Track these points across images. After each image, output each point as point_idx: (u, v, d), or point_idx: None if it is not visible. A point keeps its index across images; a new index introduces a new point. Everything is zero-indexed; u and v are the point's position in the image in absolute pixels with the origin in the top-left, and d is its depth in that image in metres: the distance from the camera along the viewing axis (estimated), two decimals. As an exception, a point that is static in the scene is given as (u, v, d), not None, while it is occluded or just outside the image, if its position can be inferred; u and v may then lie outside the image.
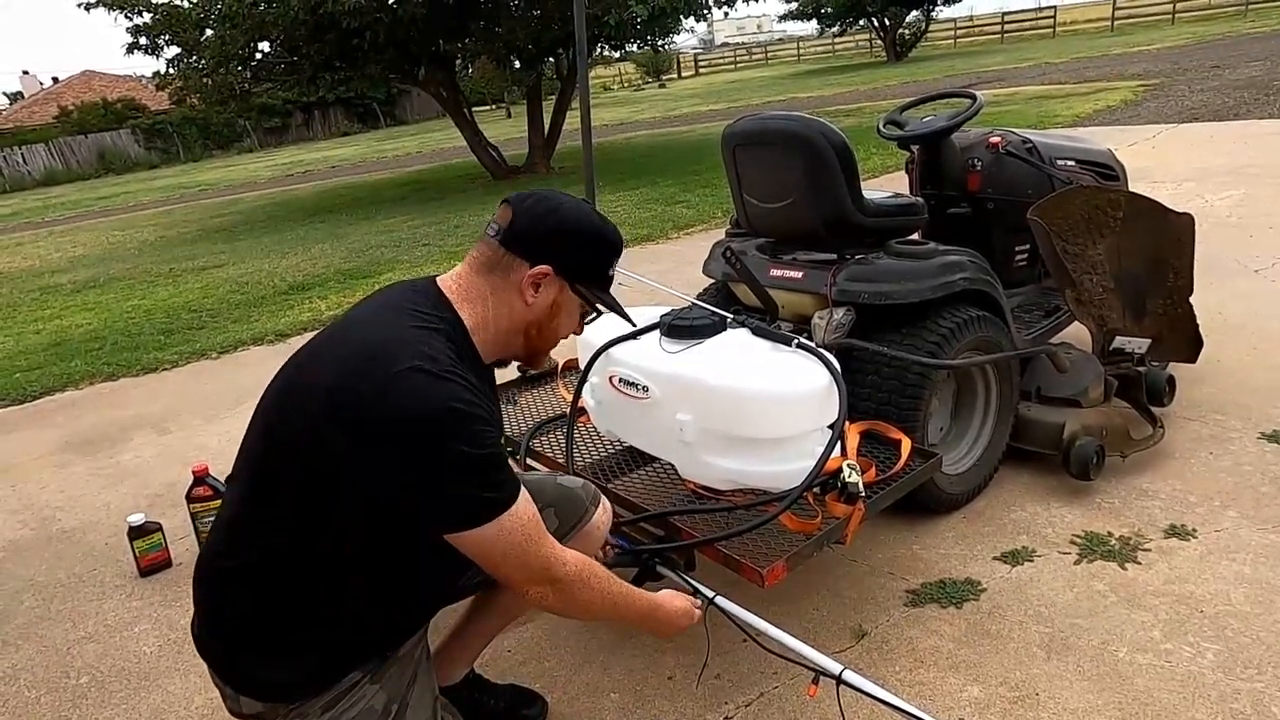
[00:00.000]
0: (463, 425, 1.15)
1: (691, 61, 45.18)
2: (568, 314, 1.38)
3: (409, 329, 1.22)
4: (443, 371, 1.17)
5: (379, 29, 9.27)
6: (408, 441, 1.13)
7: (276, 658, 1.25)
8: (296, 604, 1.23)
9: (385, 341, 1.19)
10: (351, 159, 19.75)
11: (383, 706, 1.27)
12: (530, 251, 1.31)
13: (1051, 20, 31.29)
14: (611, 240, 1.39)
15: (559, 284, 1.34)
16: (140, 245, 9.98)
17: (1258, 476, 2.34)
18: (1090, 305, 2.56)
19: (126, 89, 31.71)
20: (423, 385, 1.14)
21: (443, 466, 1.14)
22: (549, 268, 1.31)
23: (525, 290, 1.31)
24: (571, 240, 1.34)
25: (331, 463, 1.15)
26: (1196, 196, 5.35)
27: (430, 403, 1.14)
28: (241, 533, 1.27)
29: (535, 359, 1.44)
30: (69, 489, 3.25)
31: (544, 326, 1.37)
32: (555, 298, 1.34)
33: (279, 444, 1.23)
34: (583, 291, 1.36)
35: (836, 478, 1.72)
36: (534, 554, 1.22)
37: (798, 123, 2.21)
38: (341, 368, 1.19)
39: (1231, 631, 1.78)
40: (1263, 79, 10.96)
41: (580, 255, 1.35)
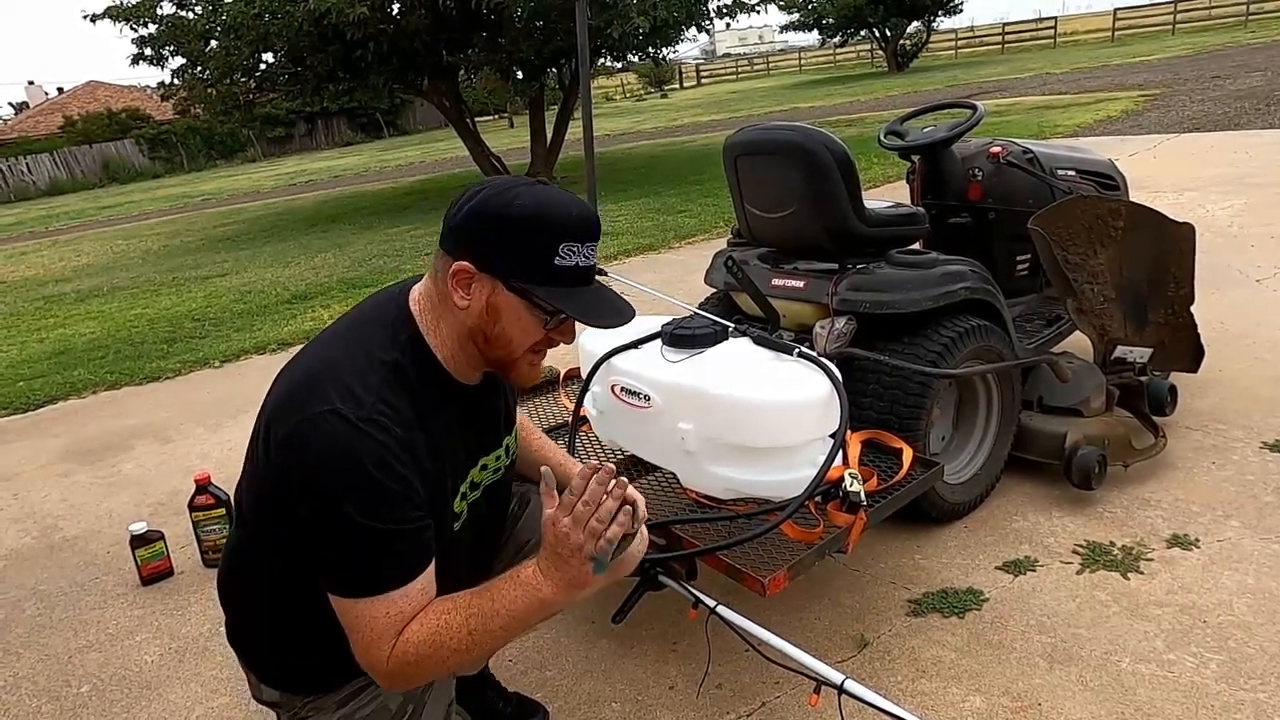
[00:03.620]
0: (356, 487, 1.05)
1: (693, 72, 45.35)
2: (512, 318, 1.15)
3: (351, 358, 1.13)
4: (361, 418, 1.07)
5: (383, 40, 9.32)
6: (303, 490, 1.07)
7: (293, 654, 1.25)
8: (306, 608, 1.21)
9: (319, 373, 1.12)
10: (355, 169, 19.82)
11: (397, 707, 1.25)
12: (452, 245, 1.14)
13: (1052, 31, 31.37)
14: (550, 223, 1.12)
15: (489, 282, 1.13)
16: (144, 254, 10.02)
17: (1260, 486, 2.34)
18: (1091, 314, 2.56)
19: (131, 99, 31.84)
20: (331, 437, 1.05)
21: (325, 524, 1.07)
22: (467, 263, 1.12)
23: (454, 292, 1.14)
24: (493, 227, 1.11)
25: (270, 483, 1.14)
26: (1198, 206, 5.36)
27: (330, 455, 1.05)
28: (248, 535, 1.27)
29: (507, 373, 1.24)
30: (71, 497, 3.25)
31: (488, 334, 1.17)
32: (489, 298, 1.14)
33: (251, 454, 1.22)
34: (519, 289, 1.13)
35: (838, 487, 1.72)
36: (363, 648, 1.10)
37: (799, 133, 2.22)
38: (280, 394, 1.15)
39: (1235, 642, 1.78)
40: (1263, 89, 10.98)
41: (505, 245, 1.11)
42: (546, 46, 10.03)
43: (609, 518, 1.06)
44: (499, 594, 1.11)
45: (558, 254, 1.12)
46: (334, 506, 1.05)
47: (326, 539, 1.08)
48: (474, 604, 1.11)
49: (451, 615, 1.10)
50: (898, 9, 26.53)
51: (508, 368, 1.22)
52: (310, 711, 1.25)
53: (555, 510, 1.08)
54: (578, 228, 1.14)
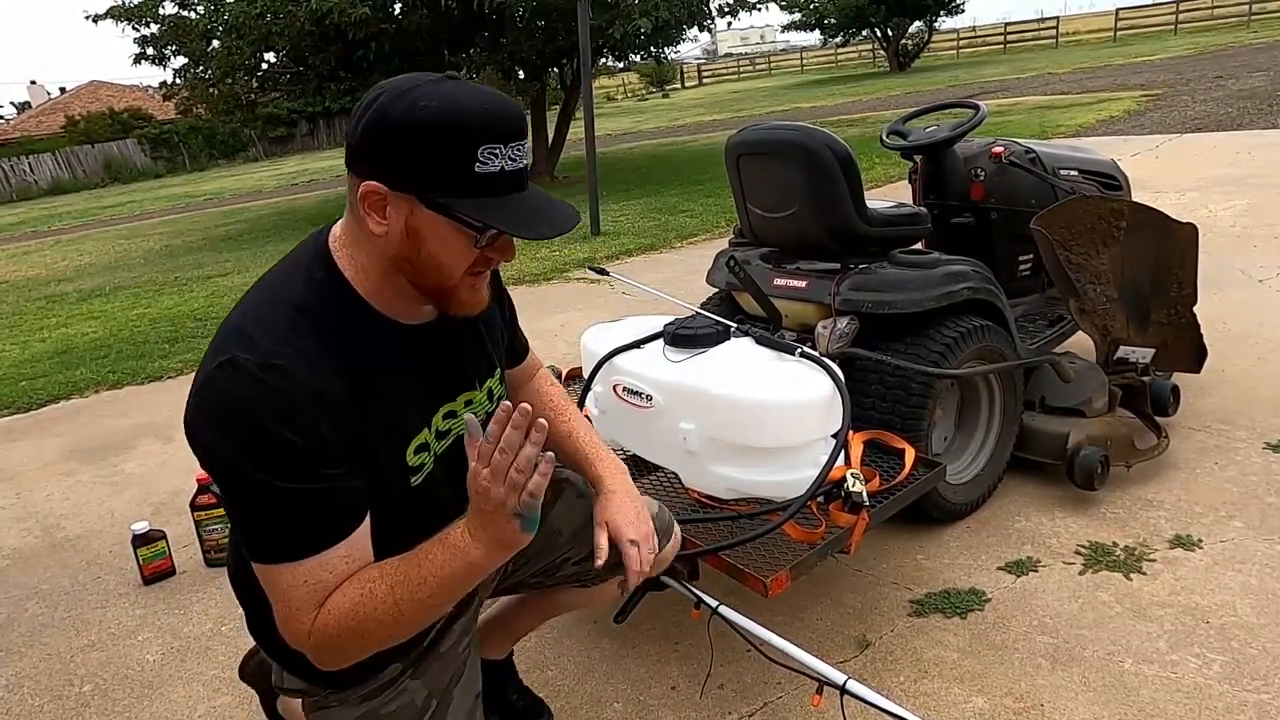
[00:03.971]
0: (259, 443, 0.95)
1: (695, 72, 45.34)
2: (438, 240, 1.02)
3: (258, 306, 1.05)
4: (260, 365, 0.97)
5: (384, 39, 9.34)
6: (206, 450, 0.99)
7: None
8: None
9: (226, 328, 1.05)
10: (356, 168, 19.79)
11: (422, 701, 1.22)
12: (357, 166, 1.01)
13: (1054, 31, 31.34)
14: (463, 125, 0.96)
15: (406, 202, 0.99)
16: (146, 254, 10.03)
17: (1263, 487, 2.33)
18: (1094, 315, 2.56)
19: (133, 99, 31.89)
20: (225, 387, 0.97)
21: (229, 483, 0.99)
22: (377, 183, 0.98)
23: (367, 217, 1.01)
24: (398, 138, 0.97)
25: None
26: (1200, 206, 5.35)
27: (224, 407, 0.97)
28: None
29: (445, 303, 1.10)
30: (73, 497, 3.26)
31: (415, 261, 1.03)
32: (408, 220, 1.01)
33: None
34: (440, 205, 0.99)
35: (840, 487, 1.72)
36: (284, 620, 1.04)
37: (801, 133, 2.22)
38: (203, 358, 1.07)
39: (1238, 643, 1.78)
40: (1266, 89, 10.97)
41: (415, 156, 0.97)
42: (548, 46, 10.04)
43: (529, 467, 0.93)
44: (426, 560, 1.00)
45: (477, 159, 0.97)
46: (234, 463, 0.96)
47: (233, 501, 1.01)
48: (400, 571, 1.01)
49: (376, 584, 1.01)
50: (899, 9, 26.52)
51: (446, 296, 1.09)
52: (334, 703, 1.22)
53: (475, 463, 0.95)
54: (498, 126, 0.98)
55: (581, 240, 7.14)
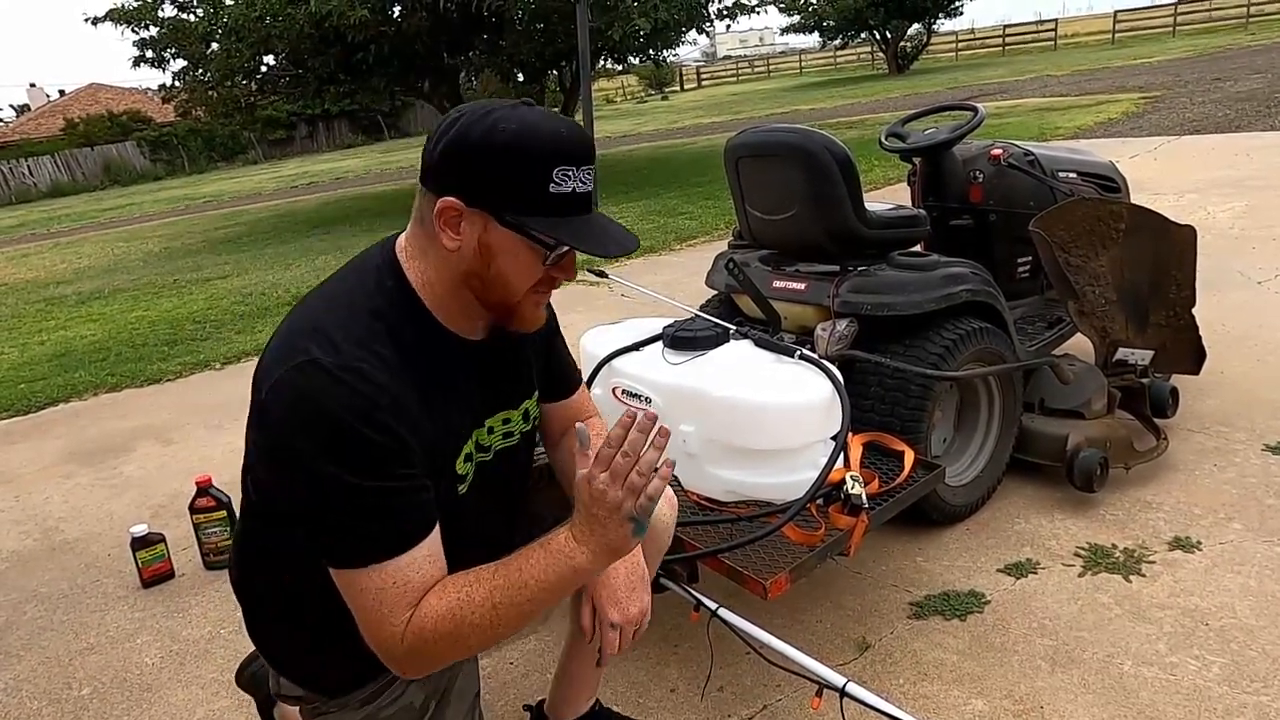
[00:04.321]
0: (342, 442, 0.96)
1: (694, 74, 45.40)
2: (509, 256, 1.05)
3: (332, 308, 1.06)
4: (340, 367, 0.98)
5: (383, 42, 9.35)
6: (285, 451, 0.99)
7: (313, 650, 1.21)
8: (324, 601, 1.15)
9: (298, 328, 1.05)
10: (356, 171, 19.84)
11: (420, 704, 1.22)
12: (435, 183, 1.04)
13: (1053, 33, 31.40)
14: (539, 147, 1.00)
15: (480, 218, 1.03)
16: (145, 256, 10.03)
17: (1262, 489, 2.33)
18: (1093, 317, 2.56)
19: (132, 101, 31.90)
20: (306, 386, 0.97)
21: (309, 485, 0.99)
22: (454, 199, 1.02)
23: (441, 233, 1.04)
24: (477, 157, 1.01)
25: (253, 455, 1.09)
26: (1199, 208, 5.36)
27: (308, 408, 0.97)
28: (257, 525, 1.21)
29: (507, 319, 1.13)
30: (72, 500, 3.25)
31: (484, 276, 1.06)
32: (481, 237, 1.04)
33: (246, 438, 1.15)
34: (513, 223, 1.02)
35: (840, 489, 1.72)
36: (373, 626, 1.02)
37: (800, 135, 2.22)
38: (262, 358, 1.07)
39: (1237, 645, 1.78)
40: (1264, 91, 10.98)
41: (493, 175, 1.01)
42: (547, 49, 10.06)
43: (650, 471, 0.95)
44: (526, 564, 1.01)
45: (552, 180, 1.01)
46: (318, 464, 0.97)
47: (316, 503, 1.00)
48: (499, 576, 1.01)
49: (474, 588, 1.01)
50: (898, 11, 26.59)
51: (510, 312, 1.12)
52: (333, 708, 1.22)
53: (590, 467, 0.97)
54: (571, 149, 1.02)
55: (581, 242, 7.14)
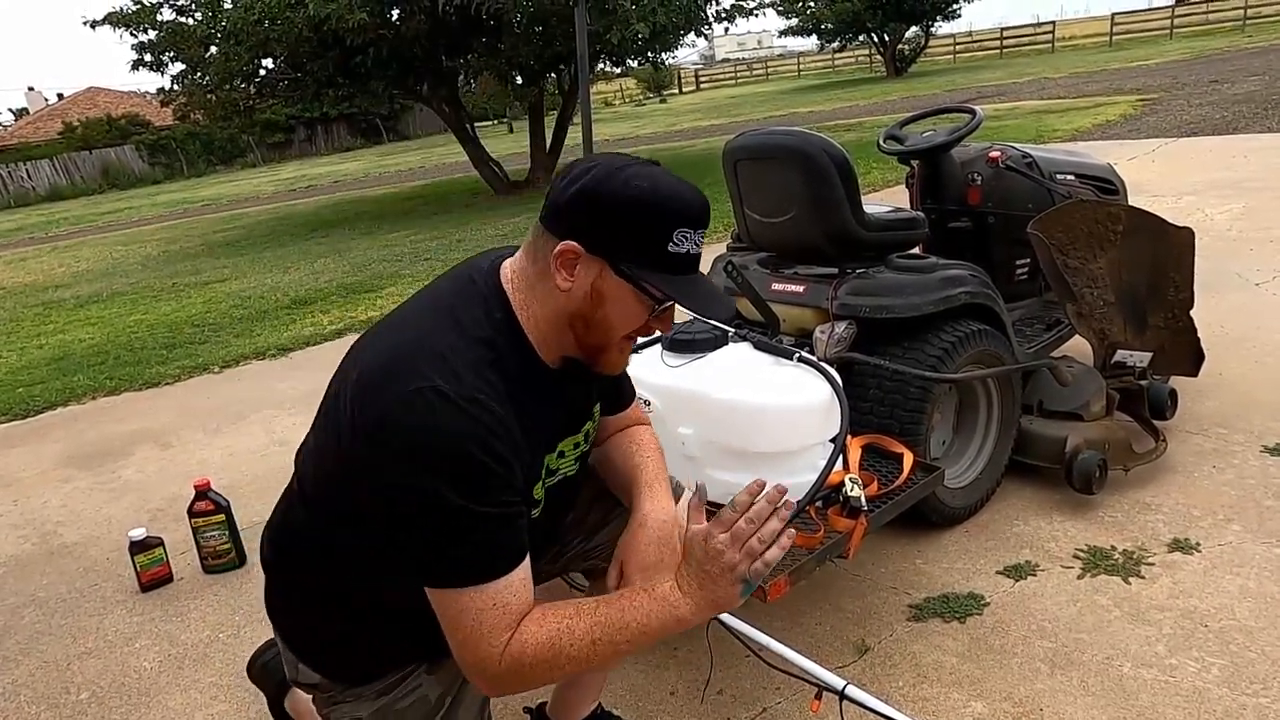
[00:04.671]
0: (463, 470, 1.00)
1: (692, 77, 45.45)
2: (617, 303, 1.10)
3: (444, 332, 1.07)
4: (464, 396, 1.01)
5: (382, 46, 9.35)
6: (397, 472, 1.01)
7: (342, 641, 1.21)
8: (363, 597, 1.18)
9: (412, 347, 1.06)
10: (354, 174, 19.85)
11: (436, 698, 1.22)
12: (557, 225, 1.09)
13: (1050, 35, 31.45)
14: (665, 207, 1.07)
15: (596, 264, 1.08)
16: (143, 260, 10.03)
17: (1261, 490, 2.33)
18: (1091, 319, 2.56)
19: (131, 105, 31.91)
20: (429, 414, 1.00)
21: (423, 508, 1.01)
22: (575, 243, 1.07)
23: (556, 273, 1.08)
24: (602, 207, 1.06)
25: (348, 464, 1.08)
26: (1197, 210, 5.37)
27: (432, 436, 1.00)
28: (311, 516, 1.20)
29: (595, 360, 1.18)
30: (71, 503, 3.25)
31: (589, 319, 1.11)
32: (594, 282, 1.08)
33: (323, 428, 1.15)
34: (627, 273, 1.07)
35: (839, 491, 1.72)
36: (472, 645, 1.04)
37: (798, 138, 2.23)
38: (368, 369, 1.08)
39: (1236, 646, 1.78)
40: (1261, 93, 11.00)
41: (616, 227, 1.06)
42: (546, 51, 10.06)
43: (772, 539, 1.01)
44: (630, 605, 1.05)
45: (671, 240, 1.07)
46: (434, 489, 0.99)
47: (426, 525, 1.01)
48: (600, 612, 1.05)
49: (575, 620, 1.05)
50: (896, 14, 26.61)
51: (600, 354, 1.17)
52: (349, 698, 1.22)
53: (709, 525, 1.02)
54: (693, 214, 1.09)
55: (579, 245, 7.14)
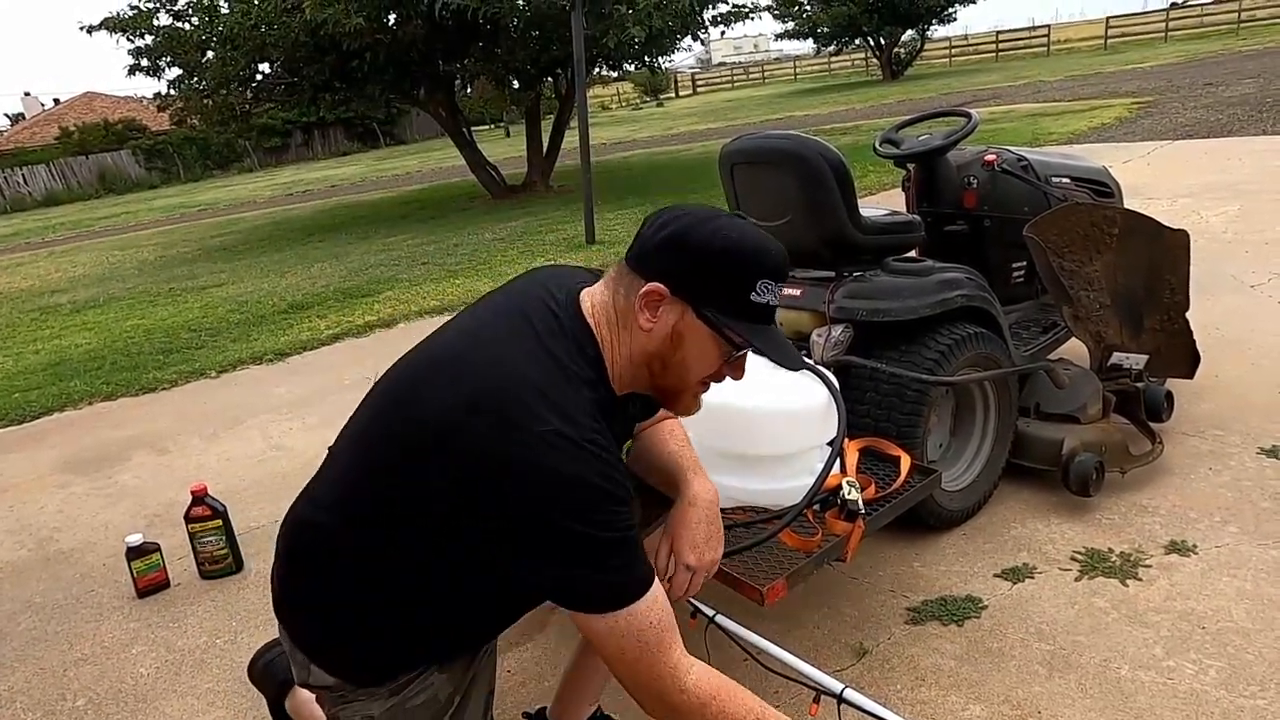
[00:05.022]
0: (595, 506, 1.04)
1: (689, 80, 45.52)
2: (696, 346, 1.14)
3: (547, 371, 1.09)
4: (584, 439, 1.04)
5: (379, 50, 9.35)
6: (529, 516, 1.03)
7: (367, 645, 1.21)
8: (397, 604, 1.18)
9: (517, 384, 1.06)
10: (351, 178, 19.84)
11: (446, 697, 1.23)
12: (645, 267, 1.13)
13: (1045, 39, 31.54)
14: (751, 258, 1.12)
15: (679, 307, 1.13)
16: (140, 265, 10.01)
17: (1257, 492, 2.34)
18: (1087, 321, 2.57)
19: (128, 110, 31.90)
20: (558, 457, 1.02)
21: (563, 547, 1.04)
22: (661, 285, 1.11)
23: (640, 313, 1.13)
24: (691, 254, 1.11)
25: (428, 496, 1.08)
26: (1192, 213, 5.38)
27: (563, 479, 1.02)
28: (353, 527, 1.19)
29: (666, 400, 1.23)
30: (67, 509, 3.24)
31: (667, 360, 1.16)
32: (676, 324, 1.13)
33: (382, 447, 1.15)
34: (709, 318, 1.12)
35: (836, 495, 1.72)
36: (647, 665, 1.08)
37: (795, 141, 2.23)
38: (466, 405, 1.06)
39: (1234, 648, 1.78)
40: (1255, 96, 11.05)
41: (704, 273, 1.11)
42: (542, 56, 10.07)
43: None
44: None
45: (755, 290, 1.12)
46: (574, 527, 1.03)
47: (572, 561, 1.05)
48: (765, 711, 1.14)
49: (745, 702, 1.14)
50: (892, 18, 26.68)
51: (675, 396, 1.21)
52: (361, 696, 1.22)
53: None
54: (776, 266, 1.14)
55: (576, 249, 7.15)
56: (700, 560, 1.30)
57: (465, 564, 1.13)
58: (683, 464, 1.39)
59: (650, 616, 1.07)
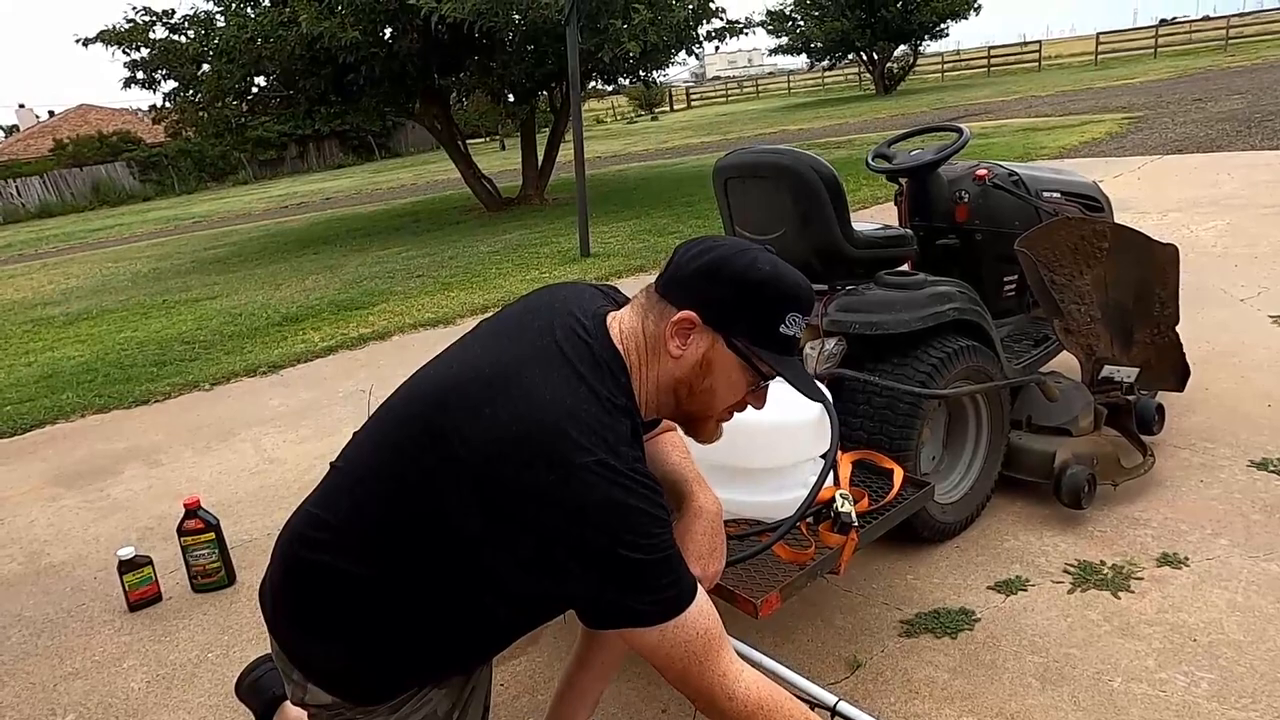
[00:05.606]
0: (644, 532, 1.05)
1: (683, 94, 45.76)
2: (724, 375, 1.17)
3: (584, 400, 1.09)
4: (627, 468, 1.06)
5: (375, 63, 9.39)
6: (578, 547, 1.04)
7: (358, 661, 1.19)
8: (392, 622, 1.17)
9: (557, 413, 1.06)
10: (346, 191, 19.87)
11: (445, 713, 1.23)
12: (677, 295, 1.17)
13: (1037, 54, 31.85)
14: (783, 290, 1.16)
15: (710, 336, 1.16)
16: (134, 277, 9.99)
17: (1248, 504, 2.35)
18: (1078, 334, 2.59)
19: (122, 122, 31.91)
20: (605, 487, 1.04)
21: (611, 572, 1.05)
22: (693, 314, 1.14)
23: (670, 340, 1.15)
24: (726, 284, 1.15)
25: (454, 522, 1.08)
26: (1182, 227, 5.43)
27: (610, 508, 1.04)
28: (345, 531, 1.18)
29: (691, 428, 1.25)
30: (58, 522, 3.22)
31: (694, 387, 1.18)
32: (706, 352, 1.16)
33: (401, 468, 1.13)
34: (739, 348, 1.16)
35: (829, 507, 1.73)
36: (696, 673, 1.10)
37: (788, 156, 2.25)
38: (507, 436, 1.06)
39: (1226, 661, 1.78)
40: (1244, 112, 11.16)
41: (734, 302, 1.15)
42: (538, 70, 10.13)
43: None
44: None
45: (784, 322, 1.16)
46: (624, 554, 1.04)
47: (626, 586, 1.06)
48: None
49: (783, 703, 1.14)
50: (884, 33, 26.91)
51: (699, 424, 1.24)
52: (359, 714, 1.21)
53: None
54: (804, 299, 1.18)
55: (571, 262, 7.17)
56: (705, 571, 1.30)
57: (481, 589, 1.12)
58: (686, 476, 1.40)
59: (698, 626, 1.09)
